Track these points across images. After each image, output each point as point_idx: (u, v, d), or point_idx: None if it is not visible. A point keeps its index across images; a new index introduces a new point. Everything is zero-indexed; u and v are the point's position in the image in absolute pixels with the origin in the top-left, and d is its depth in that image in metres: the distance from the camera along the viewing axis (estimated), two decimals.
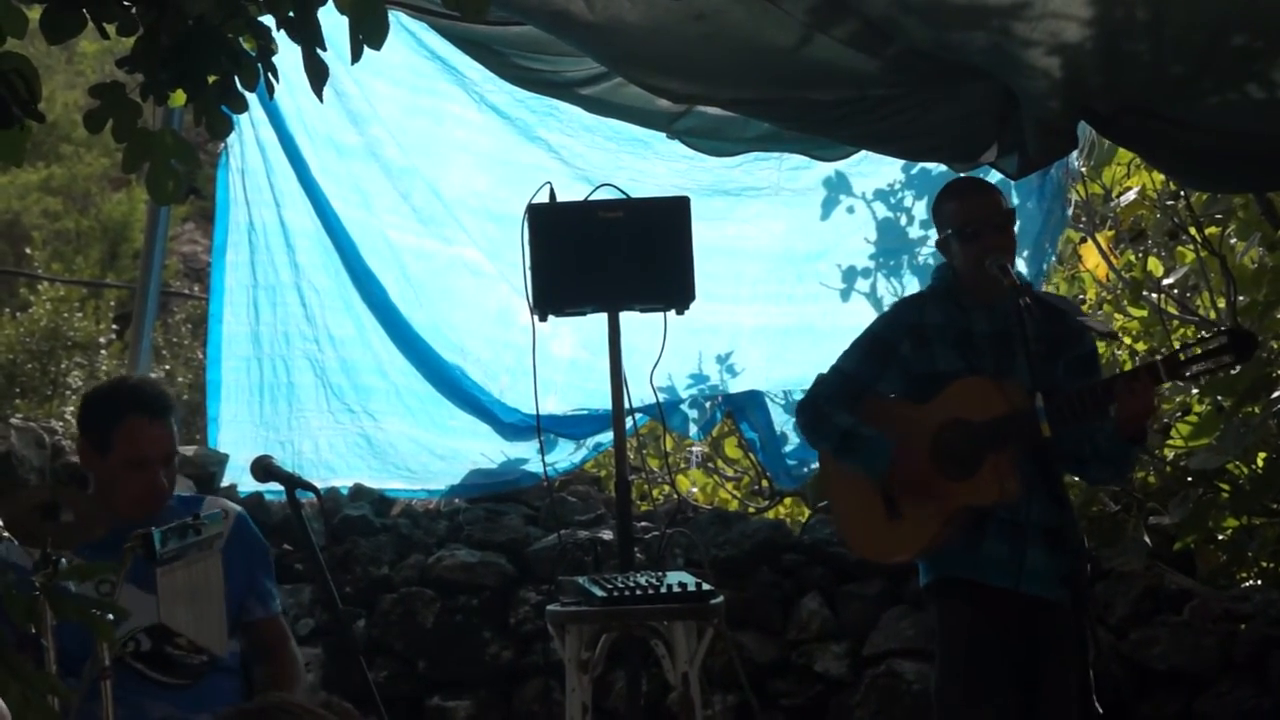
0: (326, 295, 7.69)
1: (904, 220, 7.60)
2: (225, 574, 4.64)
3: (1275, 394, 6.39)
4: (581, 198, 6.23)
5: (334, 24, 3.57)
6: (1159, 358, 5.15)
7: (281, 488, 4.83)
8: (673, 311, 6.00)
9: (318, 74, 3.64)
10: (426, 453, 7.83)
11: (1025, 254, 7.31)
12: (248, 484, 7.29)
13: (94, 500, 4.40)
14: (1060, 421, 4.87)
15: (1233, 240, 7.26)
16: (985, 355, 5.18)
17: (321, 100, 3.77)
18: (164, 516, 4.46)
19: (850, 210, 7.59)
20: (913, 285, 7.47)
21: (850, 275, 7.67)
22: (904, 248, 7.61)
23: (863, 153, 6.74)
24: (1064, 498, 4.96)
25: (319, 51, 3.59)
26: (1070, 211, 7.57)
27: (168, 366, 15.47)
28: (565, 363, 7.62)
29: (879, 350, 5.30)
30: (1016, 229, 5.32)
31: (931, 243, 6.72)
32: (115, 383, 5.03)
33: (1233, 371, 5.72)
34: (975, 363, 5.18)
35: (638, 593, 5.09)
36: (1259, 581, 7.15)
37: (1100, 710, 4.74)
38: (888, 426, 5.20)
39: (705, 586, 5.14)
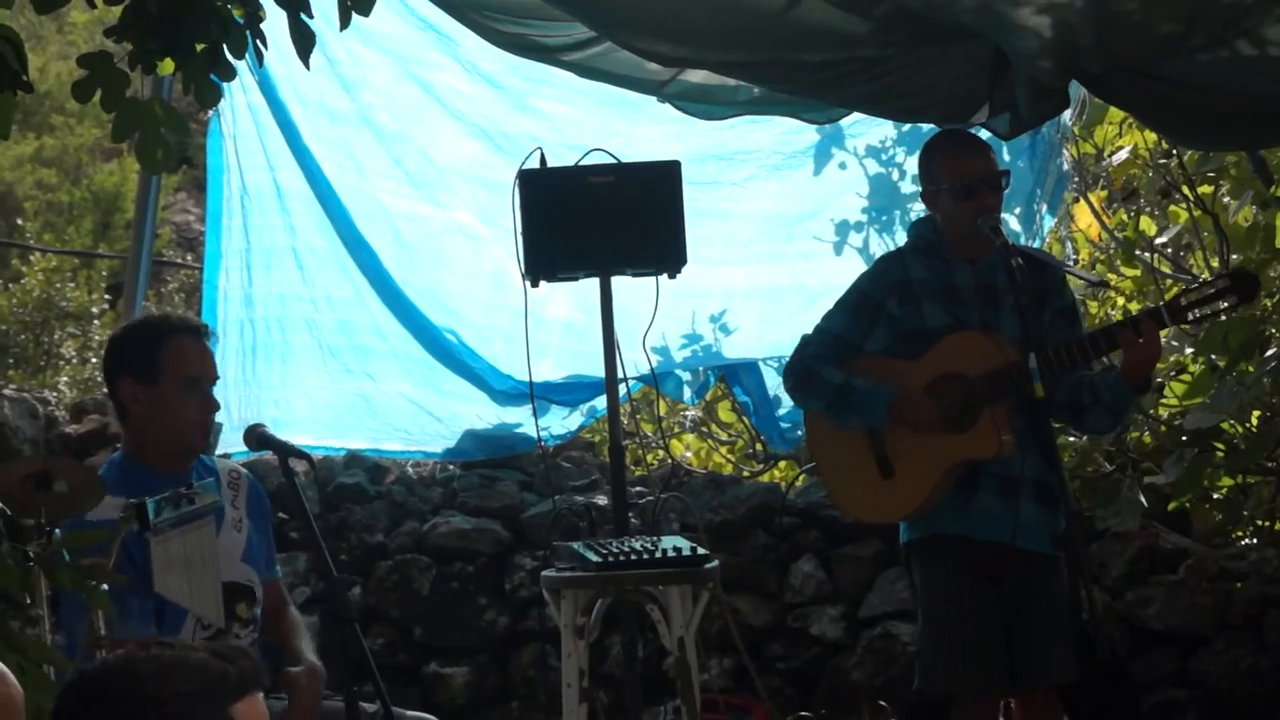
0: (324, 257, 7.64)
1: (896, 175, 7.57)
2: (249, 537, 4.66)
3: (1269, 352, 6.39)
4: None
5: None
6: (1162, 303, 5.13)
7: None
8: (665, 275, 5.99)
9: (304, 41, 3.64)
10: (425, 414, 7.80)
11: (1017, 211, 7.30)
12: (237, 444, 7.28)
13: (89, 471, 4.38)
14: (1055, 374, 4.88)
15: (1225, 199, 7.24)
16: (970, 309, 5.19)
17: (309, 68, 3.76)
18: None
19: (842, 166, 7.55)
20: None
21: (843, 229, 7.63)
22: (896, 203, 7.57)
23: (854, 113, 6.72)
24: (1054, 453, 4.94)
25: (306, 19, 3.59)
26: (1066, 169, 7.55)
27: None
28: (560, 324, 7.59)
29: (866, 308, 5.29)
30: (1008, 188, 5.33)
31: None
32: (147, 316, 5.01)
33: (1234, 314, 5.69)
34: (961, 317, 5.18)
35: (633, 557, 5.09)
36: (1254, 540, 7.16)
37: (1099, 668, 4.74)
38: (879, 383, 5.19)
39: (700, 550, 5.14)
